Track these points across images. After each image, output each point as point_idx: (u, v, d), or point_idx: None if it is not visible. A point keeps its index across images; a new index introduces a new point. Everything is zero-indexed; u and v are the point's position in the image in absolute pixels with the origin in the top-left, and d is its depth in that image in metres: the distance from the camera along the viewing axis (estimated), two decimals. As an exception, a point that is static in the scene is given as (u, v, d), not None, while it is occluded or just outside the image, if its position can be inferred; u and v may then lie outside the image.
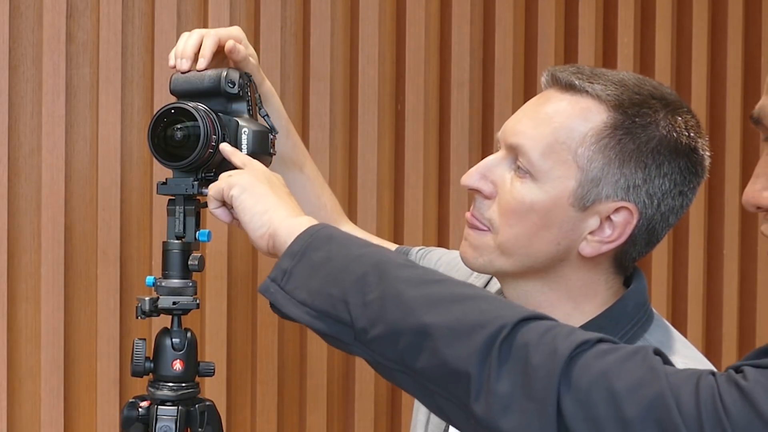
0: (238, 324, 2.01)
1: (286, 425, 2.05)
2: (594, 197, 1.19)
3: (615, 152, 1.18)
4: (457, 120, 2.16)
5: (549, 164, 1.19)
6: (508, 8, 2.19)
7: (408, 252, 1.58)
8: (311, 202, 1.56)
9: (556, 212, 1.20)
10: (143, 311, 1.40)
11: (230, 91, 1.40)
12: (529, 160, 1.20)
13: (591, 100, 1.20)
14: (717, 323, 2.39)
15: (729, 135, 2.36)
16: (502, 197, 1.23)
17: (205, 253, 1.95)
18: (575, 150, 1.19)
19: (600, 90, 1.20)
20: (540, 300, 1.25)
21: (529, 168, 1.20)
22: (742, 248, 2.41)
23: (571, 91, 1.22)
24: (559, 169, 1.19)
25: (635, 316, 1.24)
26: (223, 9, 1.96)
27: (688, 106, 1.25)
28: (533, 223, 1.20)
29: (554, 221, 1.20)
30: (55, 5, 1.86)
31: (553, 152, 1.20)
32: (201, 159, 1.35)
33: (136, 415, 1.42)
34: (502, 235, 1.22)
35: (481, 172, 1.25)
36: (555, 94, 1.23)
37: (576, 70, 1.23)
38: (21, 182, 1.87)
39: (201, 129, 1.34)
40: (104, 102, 1.89)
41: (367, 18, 2.08)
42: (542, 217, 1.20)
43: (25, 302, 1.87)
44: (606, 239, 1.21)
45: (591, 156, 1.18)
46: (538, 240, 1.21)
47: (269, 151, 1.44)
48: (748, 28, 2.40)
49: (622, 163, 1.19)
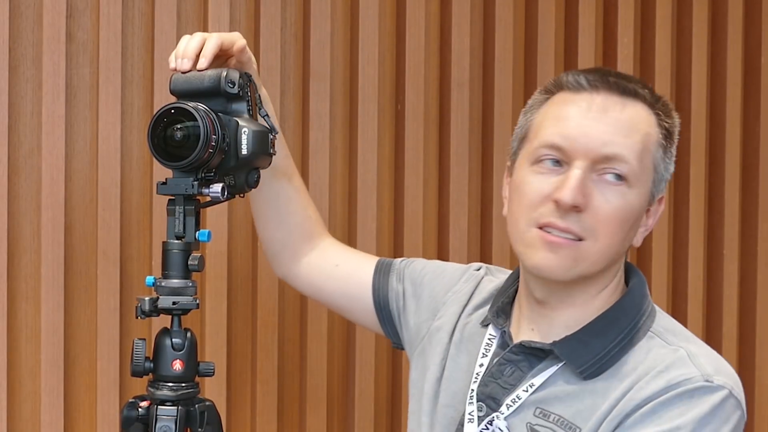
0: (238, 324, 2.01)
1: (286, 425, 2.05)
2: (656, 195, 1.31)
3: (669, 153, 1.31)
4: (457, 120, 2.15)
5: (642, 169, 1.28)
6: (508, 8, 2.19)
7: (391, 264, 1.59)
8: (298, 213, 1.59)
9: (641, 213, 1.30)
10: (143, 311, 1.40)
11: (230, 91, 1.40)
12: (631, 167, 1.26)
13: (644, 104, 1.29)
14: (717, 323, 2.39)
15: (729, 135, 2.36)
16: (601, 207, 1.25)
17: (205, 253, 1.95)
18: (654, 154, 1.29)
19: (647, 95, 1.30)
20: (581, 298, 1.31)
21: (628, 175, 1.26)
22: (742, 248, 2.41)
23: (629, 95, 1.28)
24: (645, 173, 1.28)
25: (642, 306, 1.31)
26: (223, 9, 1.96)
27: None
28: (629, 227, 1.29)
29: (638, 221, 1.30)
30: (55, 5, 1.86)
31: (644, 158, 1.28)
32: (201, 159, 1.35)
33: (135, 415, 1.42)
34: (602, 242, 1.26)
35: (581, 190, 1.25)
36: (615, 99, 1.28)
37: (615, 73, 1.31)
38: (21, 182, 1.87)
39: (201, 129, 1.34)
40: (104, 102, 1.89)
41: (367, 18, 2.08)
42: (636, 219, 1.29)
43: (25, 302, 1.87)
44: (648, 228, 1.33)
45: (660, 158, 1.30)
46: (627, 242, 1.30)
47: (269, 151, 1.45)
48: (748, 28, 2.40)
49: (669, 161, 1.32)
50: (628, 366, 1.25)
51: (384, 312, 1.56)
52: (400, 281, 1.56)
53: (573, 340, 1.28)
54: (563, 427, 1.25)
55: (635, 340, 1.28)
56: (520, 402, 1.28)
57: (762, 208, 2.40)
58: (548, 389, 1.28)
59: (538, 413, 1.27)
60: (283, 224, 1.60)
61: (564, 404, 1.26)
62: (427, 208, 2.14)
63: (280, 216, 1.59)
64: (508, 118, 2.17)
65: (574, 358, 1.27)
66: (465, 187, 2.15)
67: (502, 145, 2.17)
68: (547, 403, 1.27)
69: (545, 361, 1.30)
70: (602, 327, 1.29)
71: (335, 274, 1.61)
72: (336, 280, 1.61)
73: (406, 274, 1.56)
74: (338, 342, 2.09)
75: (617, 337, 1.28)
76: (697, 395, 1.19)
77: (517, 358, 1.31)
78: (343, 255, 1.64)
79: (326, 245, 1.64)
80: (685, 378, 1.21)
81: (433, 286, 1.52)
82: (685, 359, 1.23)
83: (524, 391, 1.29)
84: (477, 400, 1.32)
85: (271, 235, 1.64)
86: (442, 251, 2.16)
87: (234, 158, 1.41)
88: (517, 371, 1.31)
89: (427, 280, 1.53)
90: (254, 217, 1.66)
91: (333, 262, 1.62)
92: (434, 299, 1.50)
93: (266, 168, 1.49)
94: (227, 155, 1.40)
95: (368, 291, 1.57)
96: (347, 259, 1.63)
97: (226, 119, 1.40)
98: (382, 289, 1.56)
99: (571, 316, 1.31)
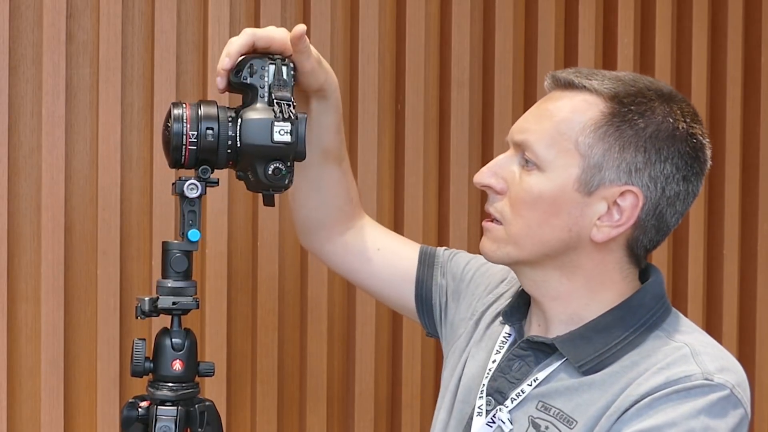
0: (238, 324, 2.01)
1: (286, 425, 2.05)
2: (598, 182, 1.26)
3: (614, 138, 1.26)
4: (457, 120, 2.16)
5: (553, 154, 1.27)
6: (508, 8, 2.19)
7: (434, 255, 1.57)
8: (341, 195, 1.56)
9: (563, 199, 1.27)
10: (143, 311, 1.40)
11: (233, 80, 1.39)
12: (535, 153, 1.28)
13: (588, 94, 1.28)
14: (717, 323, 2.39)
15: (729, 135, 2.36)
16: (513, 190, 1.30)
17: (205, 253, 1.95)
18: (576, 139, 1.26)
19: (597, 84, 1.28)
20: (559, 290, 1.32)
21: (535, 160, 1.28)
22: (742, 248, 2.41)
23: (570, 88, 1.30)
24: (562, 158, 1.26)
25: (653, 307, 1.31)
26: (223, 9, 1.96)
27: (684, 97, 1.32)
28: (543, 211, 1.27)
29: (562, 208, 1.27)
30: (55, 5, 1.86)
31: (556, 143, 1.27)
32: (182, 157, 1.36)
33: (135, 415, 1.42)
34: (514, 225, 1.29)
35: (492, 170, 1.33)
36: (556, 94, 1.32)
37: (574, 71, 1.32)
38: (21, 182, 1.87)
39: (172, 128, 1.35)
40: (104, 102, 1.89)
41: (367, 18, 2.08)
42: (551, 205, 1.27)
43: (25, 302, 1.87)
44: (615, 224, 1.27)
45: (591, 143, 1.26)
46: (549, 228, 1.28)
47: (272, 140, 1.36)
48: (748, 28, 2.40)
49: (622, 148, 1.26)
50: (629, 362, 1.26)
51: (425, 305, 1.55)
52: (444, 276, 1.55)
53: (575, 335, 1.29)
54: (562, 420, 1.25)
55: (640, 339, 1.28)
56: (524, 396, 1.29)
57: (762, 208, 2.40)
58: (551, 384, 1.29)
59: (540, 407, 1.28)
60: (324, 205, 1.55)
61: (564, 398, 1.27)
62: (427, 208, 2.14)
63: (323, 197, 1.54)
64: (508, 118, 2.17)
65: (574, 354, 1.28)
66: (465, 187, 2.15)
67: (502, 145, 2.17)
68: (548, 397, 1.28)
69: (551, 356, 1.31)
70: (607, 324, 1.29)
71: (376, 258, 1.57)
72: (376, 264, 1.58)
73: (449, 268, 1.55)
74: (338, 342, 2.10)
75: (622, 334, 1.28)
76: (695, 393, 1.19)
77: (525, 353, 1.33)
78: (385, 239, 1.60)
79: (364, 225, 1.60)
80: (685, 375, 1.21)
81: (476, 284, 1.52)
82: (688, 356, 1.23)
83: (528, 385, 1.30)
84: (486, 394, 1.33)
85: (308, 214, 1.58)
86: (442, 251, 2.16)
87: (234, 151, 1.38)
88: (524, 366, 1.32)
89: (469, 277, 1.53)
90: (292, 195, 1.57)
91: (374, 245, 1.58)
92: (474, 299, 1.50)
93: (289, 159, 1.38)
94: (221, 149, 1.38)
95: (411, 282, 1.56)
96: (389, 243, 1.59)
97: (227, 113, 1.38)
98: (426, 282, 1.55)
99: (562, 310, 1.32)
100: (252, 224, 2.01)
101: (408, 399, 2.12)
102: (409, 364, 2.12)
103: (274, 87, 1.38)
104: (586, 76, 1.29)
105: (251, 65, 1.38)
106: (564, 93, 1.30)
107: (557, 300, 1.32)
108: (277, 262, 2.01)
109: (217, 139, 1.37)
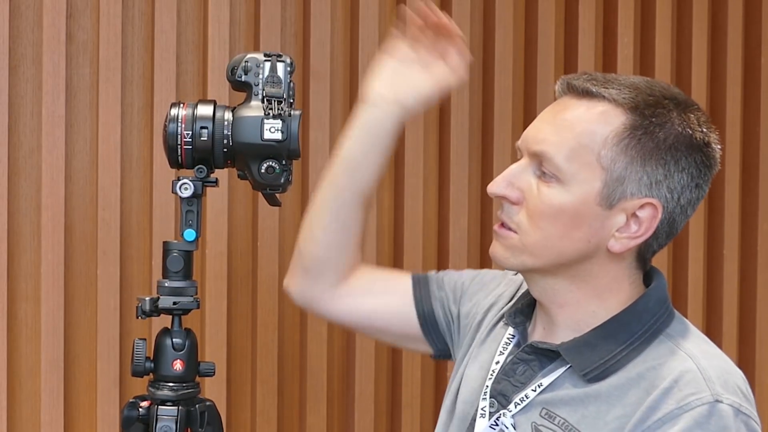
0: (238, 324, 2.01)
1: (286, 425, 2.05)
2: (620, 195, 1.25)
3: (636, 151, 1.24)
4: (457, 120, 2.15)
5: (575, 167, 1.25)
6: (508, 8, 2.19)
7: (426, 276, 1.55)
8: (358, 237, 1.52)
9: (584, 212, 1.25)
10: (143, 311, 1.40)
11: (228, 78, 1.40)
12: (555, 165, 1.25)
13: (608, 104, 1.26)
14: (717, 323, 2.39)
15: (729, 135, 2.36)
16: (531, 202, 1.27)
17: (205, 253, 1.95)
18: (598, 152, 1.24)
19: (615, 94, 1.25)
20: (567, 298, 1.30)
21: (555, 173, 1.25)
22: (742, 248, 2.41)
23: (588, 96, 1.27)
24: (584, 171, 1.25)
25: (657, 312, 1.30)
26: (223, 9, 1.96)
27: (697, 104, 1.30)
28: (563, 224, 1.26)
29: (584, 221, 1.26)
30: (55, 5, 1.86)
31: (578, 156, 1.25)
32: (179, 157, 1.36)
33: (136, 415, 1.42)
34: (532, 236, 1.27)
35: (507, 180, 1.29)
36: (572, 102, 1.29)
37: (590, 77, 1.29)
38: (21, 182, 1.87)
39: (167, 130, 1.35)
40: (104, 102, 1.89)
41: (367, 18, 2.08)
42: (572, 218, 1.26)
43: (25, 302, 1.87)
44: (633, 235, 1.26)
45: (614, 157, 1.24)
46: (569, 240, 1.27)
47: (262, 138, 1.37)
48: (748, 28, 2.40)
49: (644, 161, 1.24)
50: (635, 374, 1.25)
51: (428, 320, 1.54)
52: (441, 288, 1.55)
53: (580, 342, 1.28)
54: (566, 430, 1.25)
55: (645, 345, 1.27)
56: (528, 401, 1.29)
57: (762, 208, 2.40)
58: (555, 391, 1.28)
59: (543, 414, 1.27)
60: (346, 249, 1.51)
61: (569, 408, 1.26)
62: (427, 208, 2.14)
63: (349, 241, 1.51)
64: (508, 118, 2.17)
65: (579, 362, 1.27)
66: (465, 187, 2.15)
67: (502, 145, 2.17)
68: (553, 404, 1.27)
69: (555, 362, 1.30)
70: (612, 330, 1.28)
71: (374, 289, 1.55)
72: (375, 295, 1.56)
73: (445, 282, 1.55)
74: (338, 342, 2.09)
75: (627, 340, 1.27)
76: (706, 417, 1.19)
77: (529, 357, 1.32)
78: (377, 271, 1.61)
79: (361, 265, 1.58)
80: (696, 398, 1.20)
81: (474, 290, 1.52)
82: (695, 373, 1.23)
83: (533, 390, 1.29)
84: (489, 396, 1.33)
85: (325, 254, 1.52)
86: (442, 251, 2.16)
87: (230, 150, 1.38)
88: (528, 370, 1.31)
89: (466, 285, 1.53)
90: (315, 237, 1.50)
91: (370, 279, 1.57)
92: (475, 302, 1.50)
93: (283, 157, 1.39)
94: (216, 149, 1.38)
95: (410, 303, 1.54)
96: (381, 275, 1.60)
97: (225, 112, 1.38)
98: (424, 298, 1.54)
99: (569, 317, 1.31)
100: (252, 224, 2.01)
101: (408, 399, 2.12)
102: (409, 364, 2.12)
103: (267, 84, 1.38)
104: (602, 84, 1.27)
105: (246, 63, 1.37)
106: (580, 101, 1.27)
107: (565, 307, 1.31)
108: (277, 262, 2.01)
109: (211, 139, 1.37)
